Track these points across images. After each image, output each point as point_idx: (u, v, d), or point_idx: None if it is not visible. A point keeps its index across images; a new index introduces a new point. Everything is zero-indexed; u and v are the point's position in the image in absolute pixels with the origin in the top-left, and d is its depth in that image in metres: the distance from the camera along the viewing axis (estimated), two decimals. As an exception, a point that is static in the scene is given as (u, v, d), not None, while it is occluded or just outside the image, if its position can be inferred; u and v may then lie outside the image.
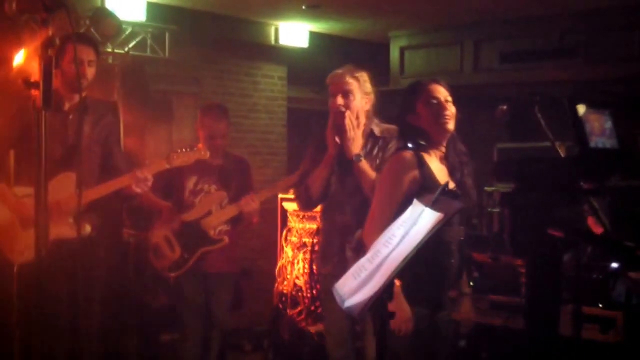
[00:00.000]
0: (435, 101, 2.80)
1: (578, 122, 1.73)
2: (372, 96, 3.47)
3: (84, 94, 3.58)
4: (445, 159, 2.83)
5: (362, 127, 3.36)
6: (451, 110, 2.80)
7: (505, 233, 2.80)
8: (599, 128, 1.74)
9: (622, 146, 1.80)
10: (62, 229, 3.43)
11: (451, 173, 2.81)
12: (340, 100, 3.36)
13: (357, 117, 3.35)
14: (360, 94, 3.41)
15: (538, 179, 1.71)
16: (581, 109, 1.76)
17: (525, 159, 1.84)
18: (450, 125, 2.79)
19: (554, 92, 5.94)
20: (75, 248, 3.41)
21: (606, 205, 4.43)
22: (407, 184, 2.69)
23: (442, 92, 2.82)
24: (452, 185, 2.76)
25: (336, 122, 3.33)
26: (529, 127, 3.40)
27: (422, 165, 2.72)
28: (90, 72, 3.55)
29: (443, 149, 2.83)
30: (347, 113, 3.31)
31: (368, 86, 3.47)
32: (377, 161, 3.33)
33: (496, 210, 4.43)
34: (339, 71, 3.50)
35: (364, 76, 3.48)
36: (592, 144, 1.72)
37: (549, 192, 1.69)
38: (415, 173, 2.70)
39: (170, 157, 3.69)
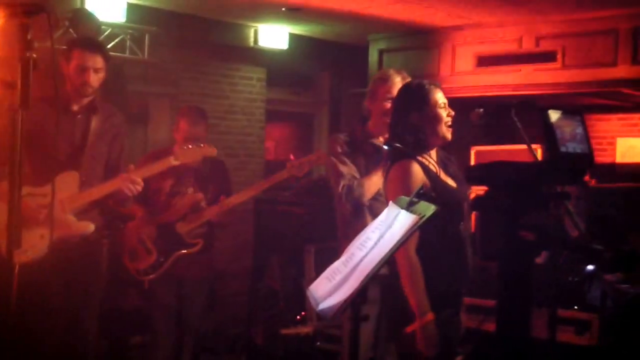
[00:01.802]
0: (442, 106, 2.82)
1: (549, 127, 1.74)
2: None
3: (92, 97, 3.61)
4: (435, 162, 2.85)
5: None
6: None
7: (475, 236, 2.82)
8: (570, 133, 1.76)
9: (592, 151, 1.82)
10: (65, 228, 3.44)
11: (445, 170, 2.84)
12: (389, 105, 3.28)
13: None
14: None
15: (509, 183, 1.72)
16: (553, 115, 1.77)
17: (496, 162, 1.85)
18: (450, 134, 2.83)
19: (531, 96, 6.02)
20: (77, 247, 3.48)
21: (582, 208, 4.49)
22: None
23: (444, 98, 2.85)
24: (452, 182, 2.79)
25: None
26: (504, 130, 3.43)
27: (428, 171, 2.74)
28: (96, 78, 3.54)
29: (433, 154, 2.86)
30: None
31: None
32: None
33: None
34: (396, 78, 3.42)
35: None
36: (563, 149, 1.73)
37: (519, 195, 1.70)
38: (423, 178, 2.70)
39: (176, 153, 3.66)
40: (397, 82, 3.36)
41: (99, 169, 3.63)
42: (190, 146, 3.72)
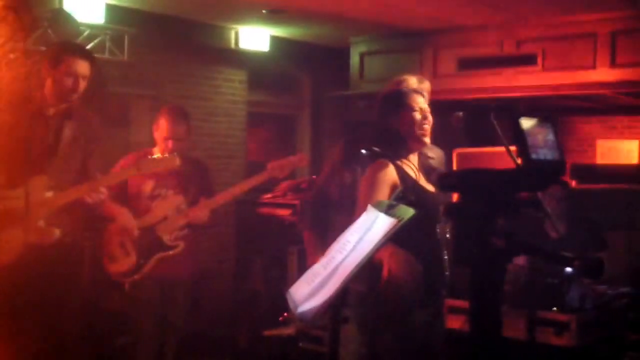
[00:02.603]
0: (419, 111, 2.84)
1: (520, 134, 1.76)
2: None
3: (71, 102, 3.55)
4: (418, 165, 2.87)
5: None
6: (430, 122, 2.84)
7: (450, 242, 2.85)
8: (542, 140, 1.78)
9: (563, 157, 1.84)
10: (33, 234, 3.39)
11: (427, 176, 2.85)
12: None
13: None
14: None
15: (480, 190, 1.74)
16: (525, 122, 1.79)
17: (469, 170, 1.87)
18: (428, 138, 2.84)
19: (511, 99, 6.06)
20: (51, 252, 3.41)
21: (563, 209, 4.53)
22: (389, 191, 2.69)
23: (424, 103, 2.86)
24: (431, 187, 2.81)
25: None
26: (486, 133, 3.44)
27: (401, 172, 2.75)
28: (82, 85, 3.50)
29: (415, 157, 2.87)
30: None
31: None
32: None
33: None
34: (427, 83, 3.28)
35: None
36: (534, 156, 1.75)
37: (491, 202, 1.72)
38: (396, 180, 2.71)
39: (140, 164, 3.63)
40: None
41: (71, 173, 3.56)
42: (155, 156, 3.68)
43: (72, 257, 3.62)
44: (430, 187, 2.85)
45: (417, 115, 2.83)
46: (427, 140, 2.85)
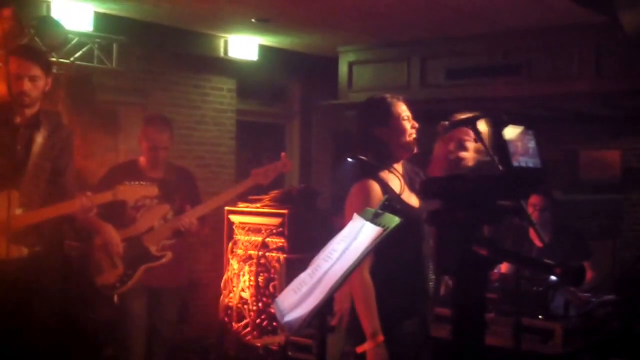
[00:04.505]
0: (406, 119, 2.84)
1: (502, 142, 1.79)
2: None
3: (36, 109, 3.46)
4: (401, 175, 2.87)
5: None
6: (416, 129, 2.86)
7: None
8: (523, 147, 1.81)
9: (544, 165, 1.87)
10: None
11: (410, 186, 2.86)
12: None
13: None
14: None
15: (462, 198, 1.76)
16: (508, 131, 1.82)
17: (451, 176, 1.89)
18: (415, 145, 2.85)
19: (497, 108, 6.11)
20: (8, 270, 3.31)
21: (547, 219, 4.57)
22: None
23: (408, 111, 2.86)
24: (415, 200, 2.82)
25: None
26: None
27: (386, 190, 2.75)
28: (33, 87, 3.40)
29: (399, 167, 2.88)
30: None
31: None
32: None
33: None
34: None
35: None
36: (516, 163, 1.78)
37: (473, 210, 1.74)
38: (381, 197, 2.70)
39: (117, 189, 3.57)
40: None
41: (41, 186, 3.46)
42: (133, 182, 3.63)
43: (44, 272, 3.50)
44: (414, 200, 2.86)
45: (406, 124, 2.84)
46: (415, 148, 2.86)
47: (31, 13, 5.17)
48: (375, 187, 2.74)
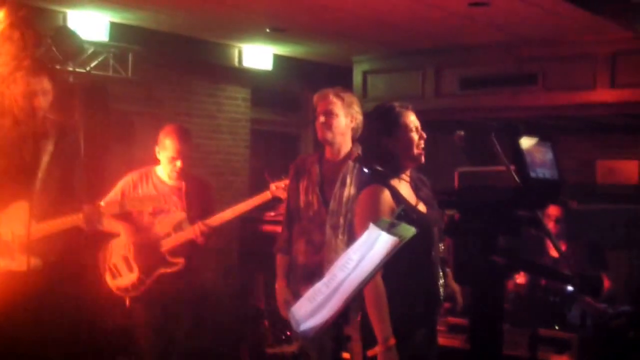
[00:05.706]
0: (414, 129, 2.83)
1: (519, 153, 1.79)
2: (357, 118, 3.52)
3: (43, 119, 3.48)
4: (409, 182, 2.87)
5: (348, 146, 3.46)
6: (424, 140, 2.85)
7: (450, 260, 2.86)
8: (540, 159, 1.81)
9: (561, 177, 1.86)
10: (12, 262, 3.35)
11: (417, 193, 2.85)
12: (322, 119, 3.41)
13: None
14: (343, 113, 3.47)
15: (480, 207, 1.76)
16: (524, 141, 1.82)
17: (468, 186, 1.90)
18: (423, 157, 2.84)
19: (512, 118, 6.09)
20: (26, 281, 3.32)
21: (563, 229, 4.55)
22: (387, 215, 2.68)
23: (417, 121, 2.86)
24: (422, 207, 2.82)
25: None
26: (486, 153, 3.47)
27: (397, 197, 2.74)
28: (45, 101, 3.43)
29: (407, 175, 2.87)
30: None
31: (355, 108, 3.49)
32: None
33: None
34: (325, 91, 3.54)
35: (349, 97, 3.51)
36: (533, 174, 1.78)
37: (491, 219, 1.74)
38: (392, 205, 2.71)
39: (124, 202, 3.61)
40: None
41: (53, 196, 3.46)
42: (146, 193, 3.68)
43: (55, 281, 3.51)
44: (422, 207, 2.86)
45: (414, 135, 2.83)
46: (423, 159, 2.85)
47: (48, 23, 5.23)
48: (385, 193, 2.74)
